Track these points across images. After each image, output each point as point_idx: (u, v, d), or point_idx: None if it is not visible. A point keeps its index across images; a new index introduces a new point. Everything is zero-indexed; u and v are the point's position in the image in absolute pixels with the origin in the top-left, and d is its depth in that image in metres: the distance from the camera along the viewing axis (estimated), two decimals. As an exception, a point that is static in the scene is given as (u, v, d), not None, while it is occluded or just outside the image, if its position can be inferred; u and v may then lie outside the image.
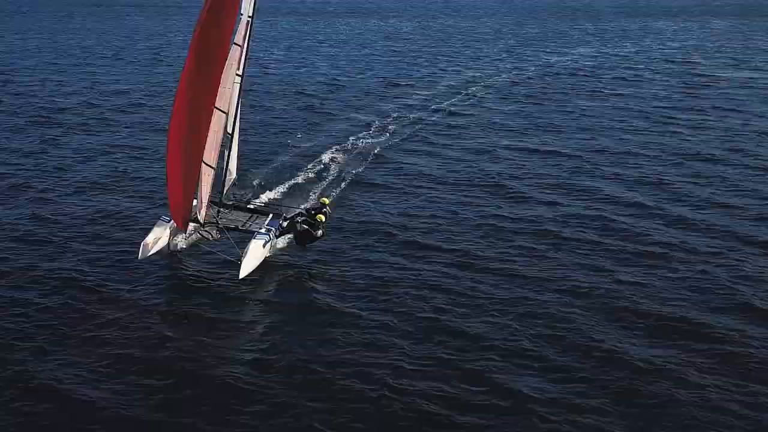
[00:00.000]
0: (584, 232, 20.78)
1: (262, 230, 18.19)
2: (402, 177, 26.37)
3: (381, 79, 48.76)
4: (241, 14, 17.05)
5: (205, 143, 16.68)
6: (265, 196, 23.19)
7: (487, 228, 21.18)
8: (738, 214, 22.38)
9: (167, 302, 16.86)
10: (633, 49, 66.19)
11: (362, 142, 30.82)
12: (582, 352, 14.51)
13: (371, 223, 21.52)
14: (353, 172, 26.48)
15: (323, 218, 18.06)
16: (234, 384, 13.44)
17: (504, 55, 62.51)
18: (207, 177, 17.64)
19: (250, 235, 18.01)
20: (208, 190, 18.02)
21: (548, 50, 65.92)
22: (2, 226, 21.01)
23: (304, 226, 18.05)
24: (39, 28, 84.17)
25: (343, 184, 25.03)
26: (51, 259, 18.77)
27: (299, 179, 25.41)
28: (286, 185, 24.62)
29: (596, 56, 61.37)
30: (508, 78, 49.70)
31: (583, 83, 47.31)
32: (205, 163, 17.19)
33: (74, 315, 15.83)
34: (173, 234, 18.49)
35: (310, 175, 26.02)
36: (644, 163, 28.22)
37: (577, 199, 23.85)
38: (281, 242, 18.96)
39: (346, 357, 14.36)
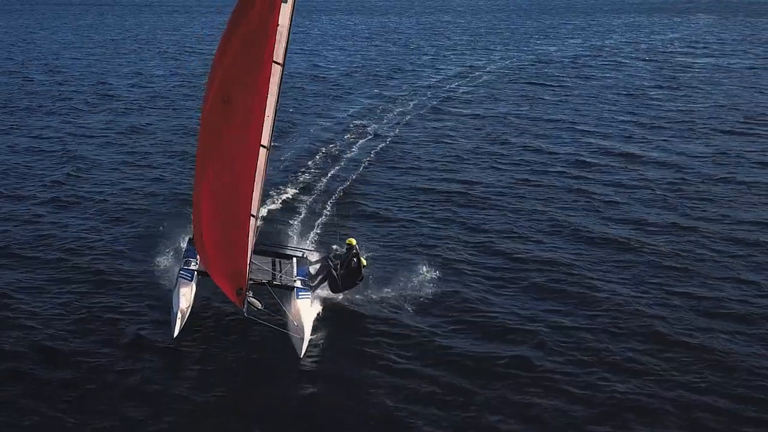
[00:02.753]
0: (571, 181, 25.75)
1: (297, 282, 15.45)
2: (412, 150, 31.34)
3: (384, 68, 53.83)
4: (278, 24, 12.78)
5: (253, 193, 13.17)
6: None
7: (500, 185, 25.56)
8: (688, 162, 27.56)
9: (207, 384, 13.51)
10: (617, 41, 71.23)
11: (368, 124, 34.80)
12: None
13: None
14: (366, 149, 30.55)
15: (365, 262, 15.74)
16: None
17: (499, 46, 67.42)
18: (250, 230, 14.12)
19: (288, 290, 15.26)
20: (251, 246, 14.18)
21: (540, 42, 71.07)
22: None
23: (347, 267, 15.60)
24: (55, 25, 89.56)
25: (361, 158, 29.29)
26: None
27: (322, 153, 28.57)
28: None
29: (584, 46, 66.51)
30: (504, 64, 54.69)
31: (570, 68, 52.37)
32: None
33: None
34: (199, 291, 15.35)
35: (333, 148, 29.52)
36: (617, 129, 33.26)
37: (564, 156, 28.85)
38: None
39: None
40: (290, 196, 23.52)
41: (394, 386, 13.24)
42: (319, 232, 20.31)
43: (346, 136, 31.73)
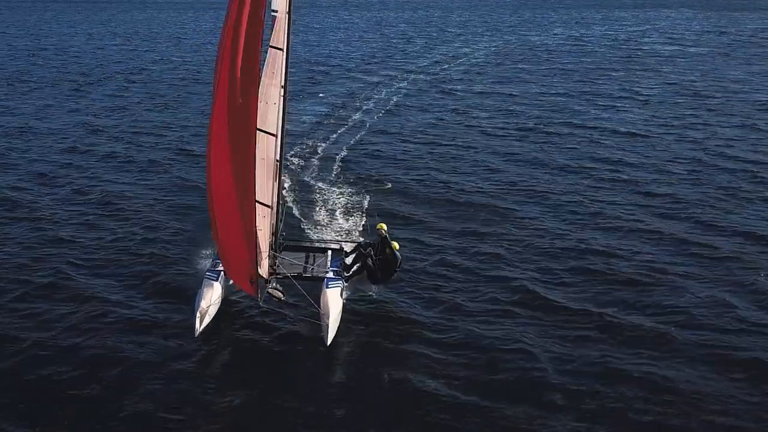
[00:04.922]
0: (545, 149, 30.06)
1: (329, 273, 15.31)
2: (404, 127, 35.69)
3: (379, 55, 58.94)
4: (275, 11, 13.41)
5: (254, 178, 13.07)
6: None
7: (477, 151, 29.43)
8: (624, 125, 32.15)
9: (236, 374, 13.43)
10: (595, 31, 76.84)
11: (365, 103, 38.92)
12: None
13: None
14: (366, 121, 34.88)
15: (397, 245, 15.30)
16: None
17: (486, 36, 73.14)
18: (264, 219, 14.32)
19: (318, 282, 15.05)
20: (268, 235, 14.45)
21: (523, 32, 76.64)
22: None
23: (381, 254, 15.23)
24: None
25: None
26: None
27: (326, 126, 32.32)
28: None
29: (561, 36, 71.80)
30: (488, 51, 60.25)
31: (546, 54, 57.79)
32: (259, 202, 13.72)
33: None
34: (225, 291, 15.08)
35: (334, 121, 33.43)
36: (577, 101, 38.05)
37: (529, 123, 33.65)
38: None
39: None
40: (300, 160, 27.08)
41: (424, 376, 13.04)
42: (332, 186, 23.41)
43: (344, 112, 35.60)
